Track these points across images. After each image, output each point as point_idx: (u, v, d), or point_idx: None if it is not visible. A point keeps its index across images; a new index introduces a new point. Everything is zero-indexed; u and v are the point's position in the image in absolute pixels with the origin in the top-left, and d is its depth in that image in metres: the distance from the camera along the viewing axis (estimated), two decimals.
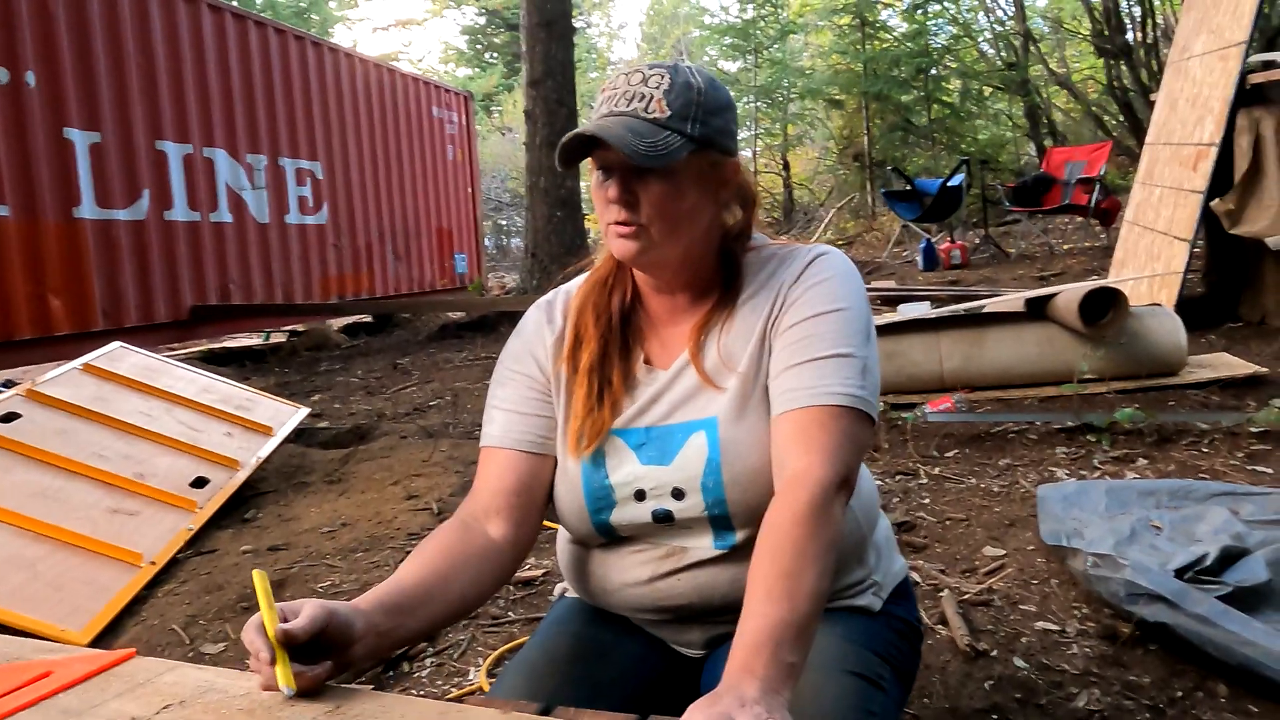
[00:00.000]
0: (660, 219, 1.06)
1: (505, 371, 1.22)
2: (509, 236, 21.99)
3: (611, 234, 1.08)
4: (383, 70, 9.50)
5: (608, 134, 1.01)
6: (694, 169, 1.07)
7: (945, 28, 14.14)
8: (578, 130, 1.03)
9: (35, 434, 2.91)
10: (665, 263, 1.11)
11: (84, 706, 0.90)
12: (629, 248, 1.07)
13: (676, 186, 1.06)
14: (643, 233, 1.06)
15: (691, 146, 1.05)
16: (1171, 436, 3.18)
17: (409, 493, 3.20)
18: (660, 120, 1.03)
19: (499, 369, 1.23)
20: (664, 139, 1.03)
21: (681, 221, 1.07)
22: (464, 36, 30.88)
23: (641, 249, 1.07)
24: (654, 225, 1.06)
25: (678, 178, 1.05)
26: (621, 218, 1.06)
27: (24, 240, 5.61)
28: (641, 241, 1.06)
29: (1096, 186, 8.41)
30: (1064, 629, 2.00)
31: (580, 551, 1.22)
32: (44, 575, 2.35)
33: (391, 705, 0.87)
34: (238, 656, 2.13)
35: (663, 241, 1.07)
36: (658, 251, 1.08)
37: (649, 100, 1.04)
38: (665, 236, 1.07)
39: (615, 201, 1.05)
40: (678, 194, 1.06)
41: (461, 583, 1.07)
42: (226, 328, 7.79)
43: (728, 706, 0.77)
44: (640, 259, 1.08)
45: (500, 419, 1.18)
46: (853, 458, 1.02)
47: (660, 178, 1.05)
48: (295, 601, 0.93)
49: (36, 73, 5.69)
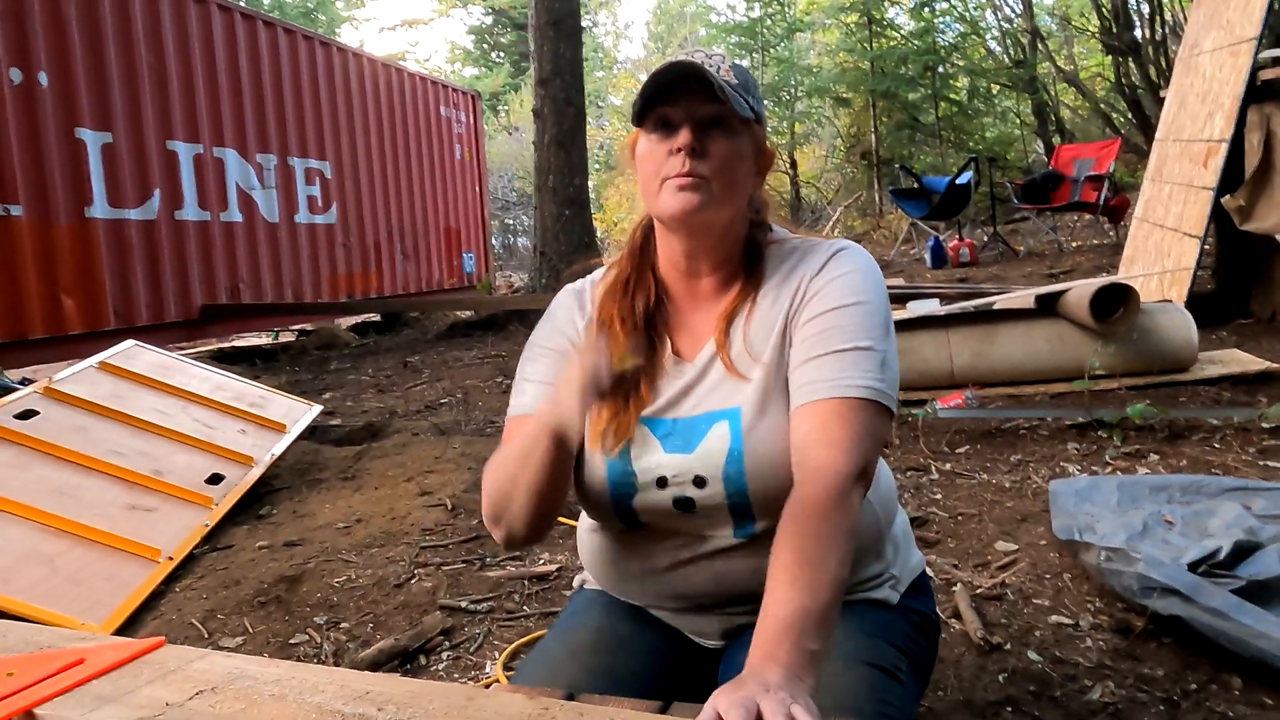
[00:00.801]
0: (722, 175, 1.08)
1: (536, 350, 1.23)
2: (515, 236, 22.03)
3: (669, 189, 1.08)
4: (391, 70, 9.53)
5: (709, 72, 1.05)
6: (749, 139, 1.12)
7: (953, 25, 14.14)
8: (679, 59, 1.06)
9: (53, 431, 2.93)
10: (713, 226, 1.12)
11: (118, 693, 0.91)
12: (689, 200, 1.07)
13: (738, 148, 1.10)
14: (705, 186, 1.07)
15: (752, 116, 1.10)
16: (1183, 432, 3.18)
17: (422, 489, 3.22)
18: (732, 84, 1.07)
19: (529, 349, 1.25)
20: (739, 97, 1.07)
21: (736, 185, 1.11)
22: (470, 36, 30.95)
23: (702, 203, 1.08)
24: (716, 180, 1.08)
25: (740, 140, 1.10)
26: (688, 168, 1.07)
27: (37, 240, 5.65)
28: (703, 195, 1.08)
29: (1105, 183, 8.40)
30: (1077, 622, 2.01)
31: (601, 540, 1.23)
32: (63, 570, 2.37)
33: (420, 691, 0.88)
34: (256, 650, 2.15)
35: (721, 200, 1.09)
36: (714, 210, 1.09)
37: (718, 68, 1.08)
38: (724, 195, 1.09)
39: (685, 150, 1.07)
40: (739, 155, 1.10)
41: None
42: (236, 327, 7.83)
43: (752, 691, 0.78)
44: (697, 215, 1.09)
45: (532, 390, 1.20)
46: (871, 450, 1.03)
47: (727, 135, 1.08)
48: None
49: (49, 73, 5.74)
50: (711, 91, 1.05)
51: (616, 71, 30.58)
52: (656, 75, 1.07)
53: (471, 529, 2.85)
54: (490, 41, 30.40)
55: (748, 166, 1.12)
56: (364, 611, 2.34)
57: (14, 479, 2.64)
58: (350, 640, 2.21)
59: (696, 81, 1.06)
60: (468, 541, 2.76)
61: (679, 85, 1.07)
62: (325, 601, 2.40)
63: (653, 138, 1.10)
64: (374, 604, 2.38)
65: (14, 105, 5.52)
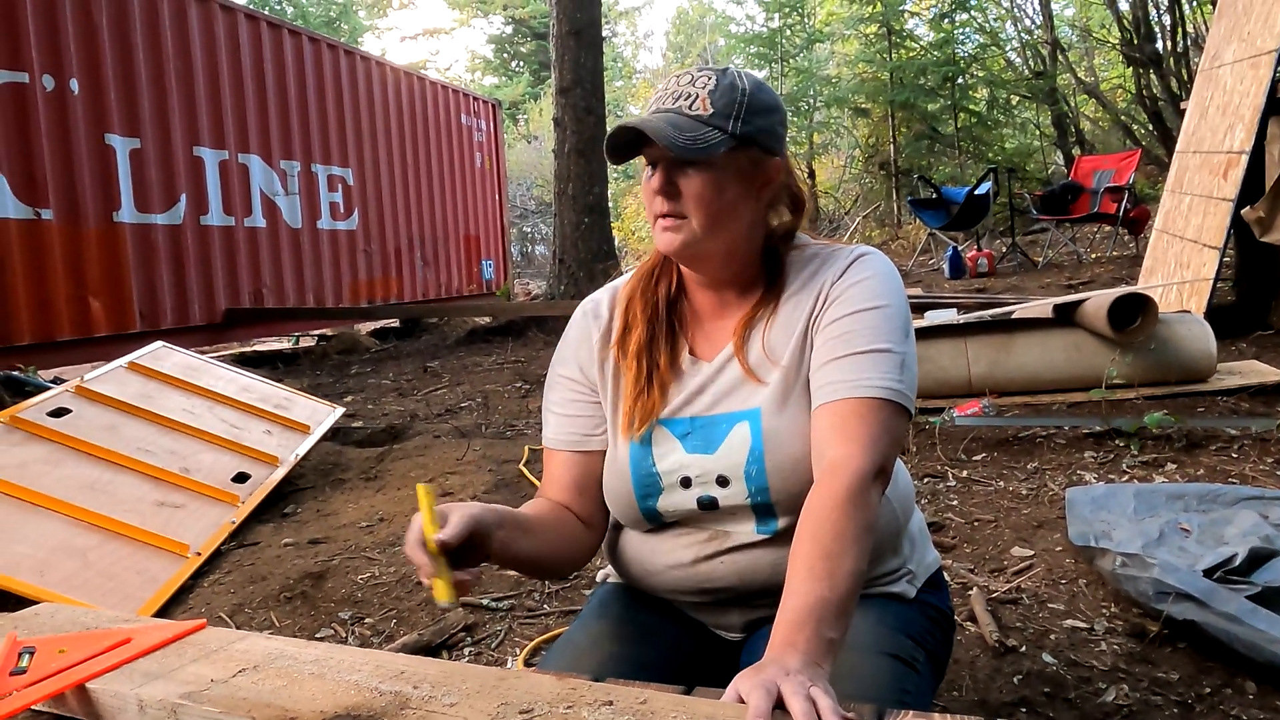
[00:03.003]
0: (700, 210, 1.10)
1: (553, 377, 1.29)
2: (534, 244, 22.12)
3: (657, 228, 1.13)
4: (413, 78, 9.63)
5: (648, 127, 1.07)
6: (735, 165, 1.12)
7: (973, 37, 14.12)
8: (623, 123, 1.09)
9: (84, 428, 3.00)
10: (707, 256, 1.15)
11: (163, 670, 0.95)
12: (672, 240, 1.12)
13: (717, 180, 1.10)
14: (684, 225, 1.11)
15: (731, 143, 1.09)
16: (1201, 442, 3.18)
17: (444, 490, 3.26)
18: (702, 117, 1.09)
19: (550, 373, 1.30)
20: (704, 134, 1.08)
21: (722, 215, 1.12)
22: (490, 45, 31.14)
23: (684, 241, 1.11)
24: (695, 217, 1.11)
25: (718, 171, 1.10)
26: (664, 209, 1.11)
27: (66, 243, 5.75)
28: (684, 234, 1.11)
29: (1125, 195, 8.37)
30: (1092, 627, 2.02)
31: (623, 536, 1.27)
32: (95, 564, 2.43)
33: (452, 671, 0.92)
34: None
35: (704, 234, 1.11)
36: (700, 244, 1.12)
37: (694, 99, 1.10)
38: (706, 229, 1.11)
39: (658, 192, 1.11)
40: (718, 187, 1.11)
41: (562, 536, 1.19)
42: (259, 331, 7.92)
43: (773, 675, 0.81)
44: (683, 251, 1.13)
45: (553, 421, 1.27)
46: (890, 448, 1.07)
47: (701, 170, 1.10)
48: (442, 507, 1.04)
49: (80, 80, 5.85)
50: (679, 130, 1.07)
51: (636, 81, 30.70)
52: (610, 137, 1.10)
53: None
54: (510, 51, 30.59)
55: (735, 194, 1.12)
56: (387, 607, 2.39)
57: (47, 475, 2.71)
58: (374, 635, 2.25)
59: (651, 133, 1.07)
60: None
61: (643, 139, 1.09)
62: (349, 597, 2.45)
63: (646, 171, 1.14)
64: (397, 600, 2.42)
65: (46, 111, 5.62)
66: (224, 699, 0.88)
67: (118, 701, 0.91)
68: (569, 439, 1.24)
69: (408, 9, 49.51)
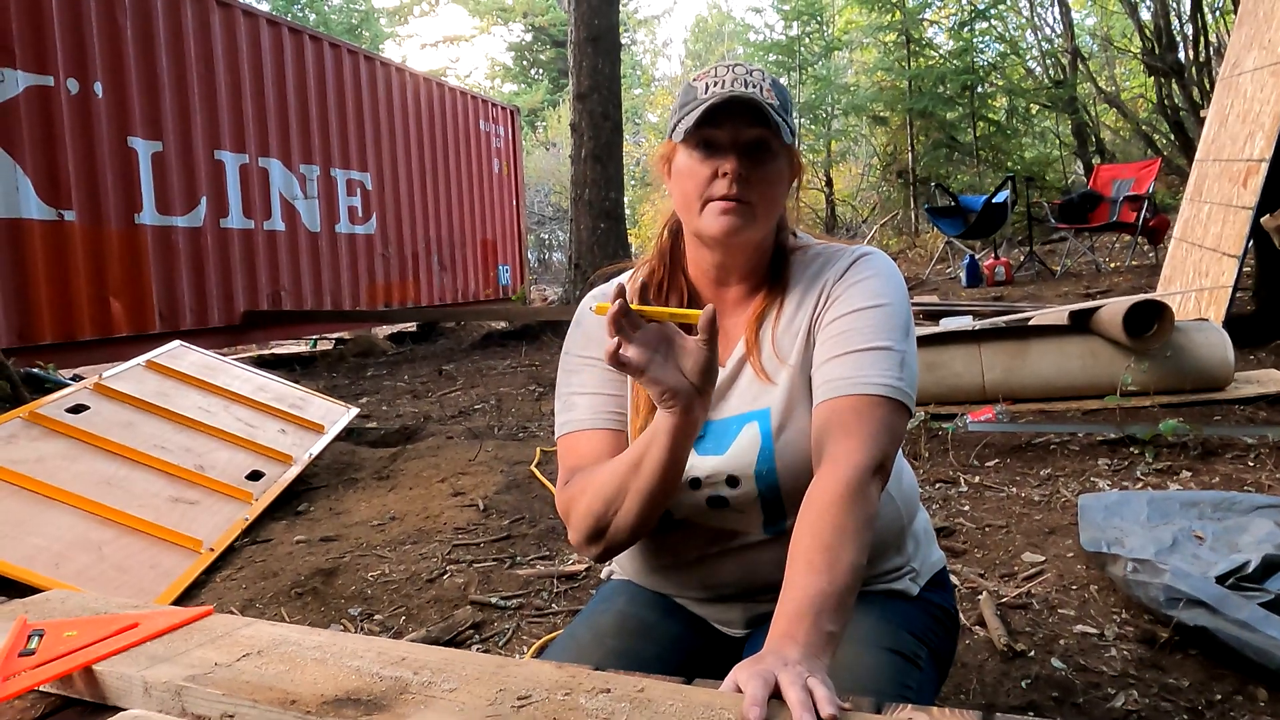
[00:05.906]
0: (764, 199, 1.12)
1: (574, 361, 1.24)
2: (550, 250, 22.19)
3: (712, 210, 1.11)
4: (432, 84, 9.69)
5: (764, 104, 1.07)
6: (786, 158, 1.15)
7: (992, 45, 14.06)
8: (735, 95, 1.07)
9: (102, 425, 3.04)
10: (751, 243, 1.16)
11: (170, 653, 0.97)
12: (731, 223, 1.11)
13: (778, 170, 1.13)
14: (748, 210, 1.11)
15: (791, 138, 1.13)
16: (1216, 450, 3.15)
17: (455, 490, 3.28)
18: (774, 106, 1.10)
19: (566, 360, 1.25)
20: (781, 120, 1.10)
21: (775, 205, 1.15)
22: (510, 53, 31.30)
23: (744, 225, 1.11)
24: (759, 205, 1.12)
25: (779, 162, 1.13)
26: (734, 193, 1.10)
27: (88, 244, 5.82)
28: (745, 218, 1.11)
29: (1145, 204, 8.30)
30: (1102, 632, 2.01)
31: None
32: (110, 558, 2.46)
33: (453, 658, 0.93)
34: None
35: (761, 221, 1.13)
36: (754, 230, 1.13)
37: (760, 89, 1.11)
38: (764, 216, 1.13)
39: (732, 176, 1.09)
40: (778, 178, 1.14)
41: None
42: (277, 333, 7.98)
43: (770, 665, 0.81)
44: (738, 236, 1.13)
45: (584, 402, 1.20)
46: (889, 444, 1.06)
47: (770, 158, 1.12)
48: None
49: (104, 84, 5.92)
50: (757, 115, 1.08)
51: (654, 89, 30.77)
52: (711, 103, 1.08)
53: (502, 529, 2.90)
54: (530, 58, 30.74)
55: (783, 187, 1.16)
56: (397, 604, 2.40)
57: (65, 469, 2.74)
58: (383, 631, 2.27)
59: (748, 109, 1.08)
60: (499, 540, 2.81)
61: (726, 108, 1.09)
62: (360, 594, 2.46)
63: (695, 155, 1.12)
64: (407, 597, 2.43)
65: (70, 114, 5.70)
66: (227, 682, 0.89)
67: (124, 684, 0.92)
68: (610, 418, 1.19)
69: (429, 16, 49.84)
